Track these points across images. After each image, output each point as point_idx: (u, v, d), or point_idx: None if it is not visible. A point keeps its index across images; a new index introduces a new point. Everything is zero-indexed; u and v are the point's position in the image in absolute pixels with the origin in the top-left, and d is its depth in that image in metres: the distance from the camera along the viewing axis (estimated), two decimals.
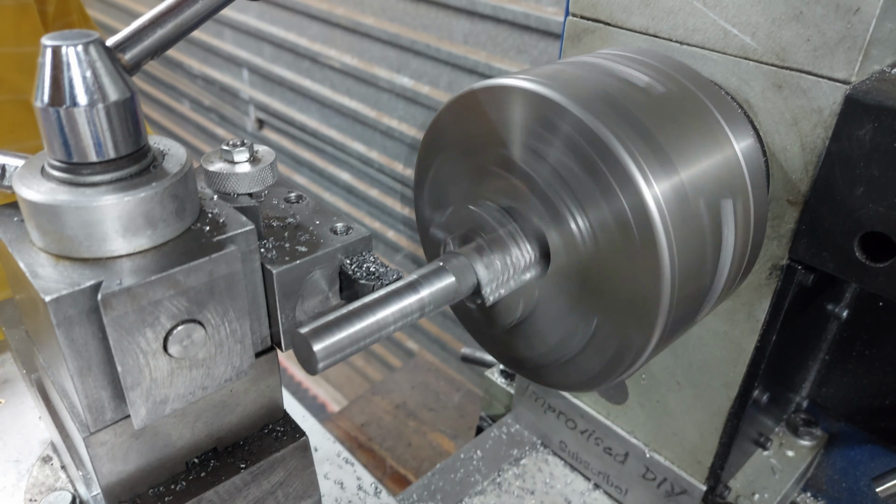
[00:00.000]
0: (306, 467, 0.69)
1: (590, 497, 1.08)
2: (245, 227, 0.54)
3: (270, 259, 0.58)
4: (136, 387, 0.50)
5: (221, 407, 0.63)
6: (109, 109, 0.48)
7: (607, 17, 0.79)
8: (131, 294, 0.47)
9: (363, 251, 0.62)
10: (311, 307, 0.61)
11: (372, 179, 2.94)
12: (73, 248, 0.49)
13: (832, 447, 1.06)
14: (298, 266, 0.58)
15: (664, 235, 0.54)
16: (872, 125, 0.61)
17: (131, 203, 0.49)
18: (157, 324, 0.49)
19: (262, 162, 0.58)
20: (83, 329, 0.48)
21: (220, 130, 3.82)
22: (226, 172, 0.57)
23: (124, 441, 0.57)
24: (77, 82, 0.47)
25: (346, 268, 0.60)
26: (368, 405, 1.78)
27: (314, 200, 0.67)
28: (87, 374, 0.50)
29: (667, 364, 0.89)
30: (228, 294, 0.53)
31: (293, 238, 0.61)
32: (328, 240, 0.61)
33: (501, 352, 0.74)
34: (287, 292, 0.58)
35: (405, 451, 1.65)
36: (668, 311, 0.56)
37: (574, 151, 0.56)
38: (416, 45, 2.49)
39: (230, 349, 0.55)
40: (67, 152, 0.49)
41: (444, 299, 0.58)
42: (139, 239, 0.50)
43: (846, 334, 0.95)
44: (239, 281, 0.53)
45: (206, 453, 0.64)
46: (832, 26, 0.62)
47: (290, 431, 0.68)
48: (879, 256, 0.65)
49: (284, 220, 0.63)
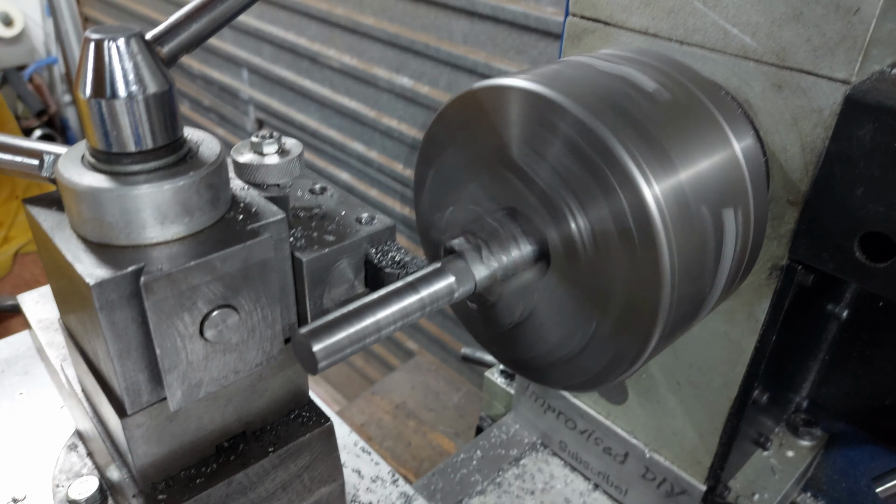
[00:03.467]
0: (331, 452, 0.70)
1: (590, 497, 1.08)
2: (277, 216, 0.56)
3: (300, 247, 0.59)
4: (173, 369, 0.52)
5: (251, 391, 0.65)
6: (149, 101, 0.49)
7: (607, 17, 0.79)
8: (171, 279, 0.49)
9: (388, 240, 0.63)
10: (337, 295, 0.62)
11: (371, 179, 2.93)
12: (113, 235, 0.51)
13: (832, 447, 1.06)
14: (327, 254, 0.59)
15: (664, 235, 0.54)
16: (872, 125, 0.61)
17: (169, 192, 0.50)
18: (195, 308, 0.51)
19: (291, 154, 0.60)
20: (124, 313, 0.49)
21: (219, 130, 3.82)
22: (256, 163, 0.59)
23: (159, 423, 0.59)
24: (118, 75, 0.48)
25: (372, 257, 0.62)
26: (368, 405, 1.78)
27: (339, 191, 0.68)
28: (126, 358, 0.51)
29: (667, 364, 0.89)
30: (261, 280, 0.54)
31: (320, 227, 0.62)
32: (354, 229, 0.62)
33: (501, 352, 0.74)
34: (315, 280, 0.60)
35: (405, 450, 1.65)
36: (668, 311, 0.56)
37: (574, 151, 0.56)
38: (415, 45, 2.49)
39: (261, 334, 0.56)
40: (108, 142, 0.50)
41: (444, 299, 0.58)
42: (176, 227, 0.52)
43: (846, 334, 0.95)
44: (271, 268, 0.54)
45: (235, 437, 0.66)
46: (832, 26, 0.62)
47: (316, 417, 0.69)
48: (879, 256, 0.65)
49: (311, 210, 0.65)
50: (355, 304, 0.53)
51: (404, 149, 2.70)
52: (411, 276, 0.58)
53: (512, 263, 0.62)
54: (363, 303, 0.53)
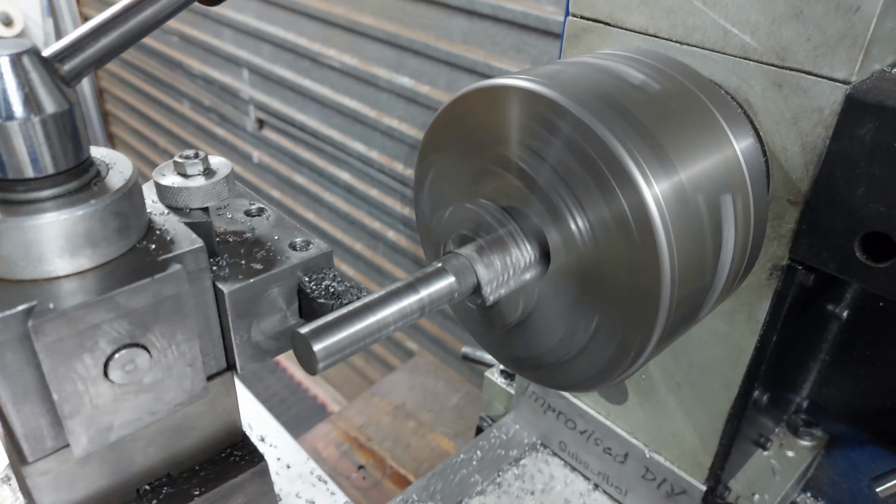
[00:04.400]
0: (265, 493, 0.66)
1: (590, 498, 1.08)
2: (194, 245, 0.51)
3: (223, 277, 0.55)
4: (75, 415, 0.47)
5: (175, 431, 0.60)
6: (46, 122, 0.45)
7: (607, 16, 0.79)
8: (67, 318, 0.44)
9: (324, 268, 0.59)
10: (268, 327, 0.58)
11: (372, 179, 2.93)
12: (9, 268, 0.46)
13: (832, 448, 1.06)
14: (252, 285, 0.55)
15: (664, 235, 0.54)
16: (873, 124, 0.61)
17: (69, 221, 0.46)
18: (96, 349, 0.46)
19: (217, 175, 0.56)
20: (16, 355, 0.45)
21: (219, 130, 3.82)
22: (178, 186, 0.54)
23: (69, 469, 0.54)
24: (11, 94, 0.44)
25: (305, 286, 0.57)
26: (368, 406, 1.78)
27: (276, 213, 0.64)
28: (22, 402, 0.47)
29: (667, 365, 0.89)
30: (175, 316, 0.50)
31: (249, 254, 0.58)
32: (285, 256, 0.58)
33: (501, 352, 0.74)
34: (241, 312, 0.55)
35: (405, 451, 1.65)
36: (668, 311, 0.56)
37: (574, 151, 0.56)
38: (414, 44, 2.49)
39: (180, 373, 0.52)
40: (2, 168, 0.46)
41: (444, 299, 0.58)
42: (79, 259, 0.48)
43: (847, 335, 0.95)
44: (186, 302, 0.50)
45: (159, 479, 0.61)
46: (832, 25, 0.62)
47: (249, 455, 0.65)
48: (880, 256, 0.65)
49: (242, 234, 0.61)
50: (355, 304, 0.53)
51: (404, 148, 2.70)
52: (411, 277, 0.57)
53: (512, 263, 0.62)
54: (363, 303, 0.53)
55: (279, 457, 1.23)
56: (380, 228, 2.98)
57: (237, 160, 3.78)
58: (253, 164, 3.67)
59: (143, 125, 4.69)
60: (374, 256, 3.09)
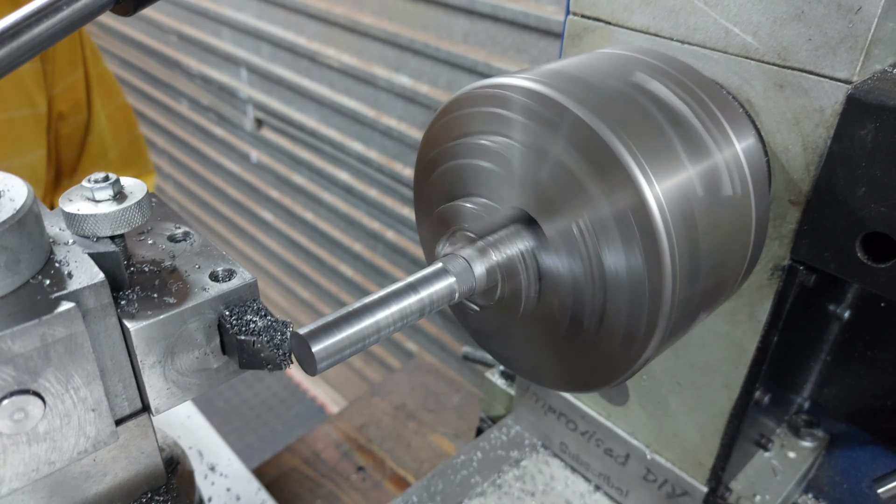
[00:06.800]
0: None
1: (590, 499, 1.08)
2: (94, 280, 0.47)
3: (130, 314, 0.50)
4: None
5: (84, 478, 0.55)
6: None
7: (608, 15, 0.79)
8: None
9: (248, 300, 0.54)
10: (185, 365, 0.53)
11: (371, 179, 2.93)
12: None
13: (834, 448, 1.06)
14: (163, 321, 0.50)
15: (665, 235, 0.53)
16: (874, 125, 0.61)
17: None
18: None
19: (129, 199, 0.51)
20: None
21: (218, 130, 3.82)
22: (84, 213, 0.50)
23: None
24: None
25: (225, 320, 0.53)
26: (368, 406, 1.78)
27: (202, 238, 0.59)
28: None
29: (668, 365, 0.89)
30: (70, 359, 0.46)
31: (163, 287, 0.53)
32: (203, 288, 0.53)
33: (501, 353, 0.74)
34: (151, 351, 0.51)
35: (405, 452, 1.65)
36: (670, 312, 0.56)
37: (574, 150, 0.56)
38: (414, 44, 2.49)
39: (81, 418, 0.48)
40: None
41: (445, 300, 0.58)
42: None
43: (848, 335, 0.95)
44: (82, 344, 0.46)
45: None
46: (834, 25, 0.62)
47: (173, 501, 0.61)
48: (881, 257, 0.65)
49: (160, 264, 0.55)
50: (355, 305, 0.53)
51: (404, 148, 2.70)
52: (412, 277, 0.57)
53: (512, 264, 0.61)
54: (363, 303, 0.53)
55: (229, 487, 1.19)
56: (379, 228, 2.98)
57: (235, 160, 3.78)
58: (251, 163, 3.66)
59: (140, 125, 4.68)
60: (373, 257, 3.09)
